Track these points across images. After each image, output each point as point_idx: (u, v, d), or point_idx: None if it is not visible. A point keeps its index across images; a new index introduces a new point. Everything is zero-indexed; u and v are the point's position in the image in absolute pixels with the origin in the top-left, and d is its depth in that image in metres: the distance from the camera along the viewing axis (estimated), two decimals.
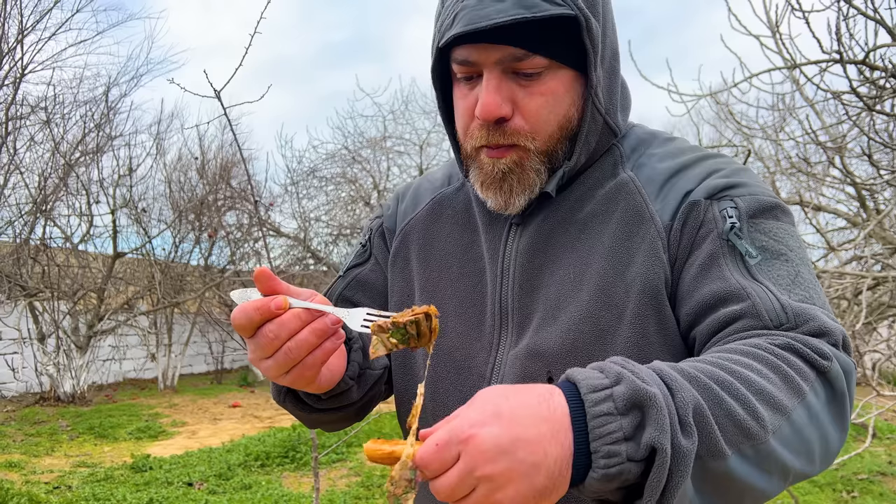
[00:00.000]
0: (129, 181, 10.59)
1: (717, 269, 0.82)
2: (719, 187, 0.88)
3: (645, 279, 0.86)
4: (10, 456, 6.31)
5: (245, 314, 0.74)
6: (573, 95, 0.90)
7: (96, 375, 10.66)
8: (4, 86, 11.69)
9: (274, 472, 5.93)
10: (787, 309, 0.77)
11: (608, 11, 0.91)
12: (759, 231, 0.84)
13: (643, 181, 0.92)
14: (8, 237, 10.25)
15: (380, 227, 1.14)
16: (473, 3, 0.82)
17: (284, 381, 0.79)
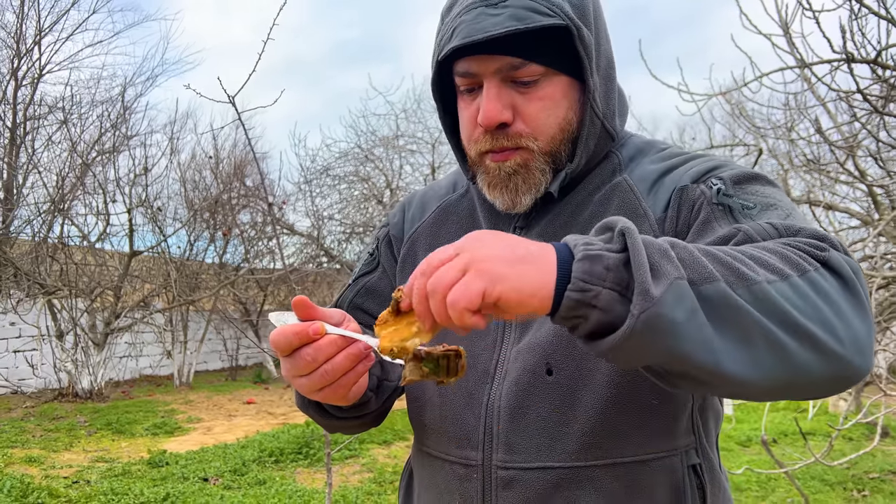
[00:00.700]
0: (145, 180, 10.71)
1: (710, 228, 0.86)
2: (703, 171, 0.94)
3: None
4: (30, 451, 6.43)
5: (285, 337, 0.79)
6: (570, 100, 0.95)
7: (113, 372, 10.81)
8: (22, 86, 11.84)
9: (288, 467, 6.01)
10: (777, 226, 0.79)
11: (601, 23, 0.97)
12: (747, 193, 0.88)
13: (635, 180, 0.98)
14: (27, 235, 10.41)
15: (386, 236, 1.18)
16: (471, 18, 0.88)
17: (316, 396, 0.85)
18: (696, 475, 0.93)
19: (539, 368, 0.92)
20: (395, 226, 1.18)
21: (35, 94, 11.83)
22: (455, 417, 0.98)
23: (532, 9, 0.87)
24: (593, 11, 0.94)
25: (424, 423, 1.05)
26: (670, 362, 0.64)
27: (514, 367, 0.95)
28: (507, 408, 0.94)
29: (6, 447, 6.49)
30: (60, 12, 12.41)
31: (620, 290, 0.63)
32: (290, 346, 0.79)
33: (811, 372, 0.66)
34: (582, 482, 0.90)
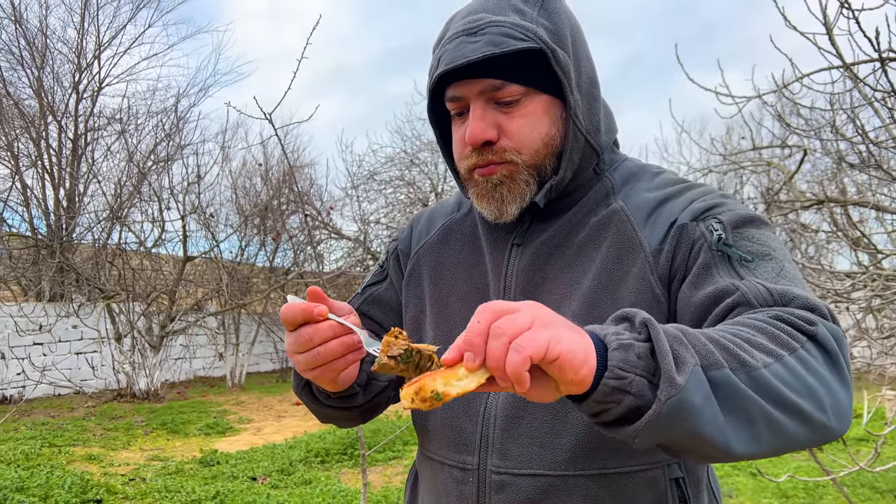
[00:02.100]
0: (198, 188, 11.06)
1: (710, 276, 0.91)
2: (702, 209, 0.98)
3: (634, 299, 0.96)
4: (91, 449, 6.73)
5: (291, 311, 0.87)
6: (552, 116, 1.01)
7: (168, 373, 11.19)
8: (83, 99, 12.38)
9: (333, 468, 6.15)
10: (772, 292, 0.85)
11: (579, 45, 1.03)
12: (744, 238, 0.94)
13: (632, 209, 1.03)
14: (87, 242, 10.87)
15: (395, 250, 1.25)
16: (453, 47, 0.97)
17: (308, 374, 0.92)
18: (678, 487, 0.99)
19: None
20: (403, 241, 1.25)
21: (95, 106, 12.35)
22: (454, 424, 1.05)
23: (507, 35, 0.94)
24: (570, 35, 1.01)
25: (427, 428, 1.12)
26: (683, 441, 0.70)
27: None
28: (502, 417, 1.00)
29: (68, 445, 6.81)
30: (118, 27, 12.94)
31: (649, 377, 0.68)
32: (295, 321, 0.87)
33: (798, 440, 0.75)
34: (570, 490, 0.96)
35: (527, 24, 0.96)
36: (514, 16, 0.97)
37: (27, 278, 10.53)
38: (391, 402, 1.17)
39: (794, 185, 5.56)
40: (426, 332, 1.14)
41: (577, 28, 1.04)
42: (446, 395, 0.69)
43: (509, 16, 0.97)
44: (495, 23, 0.96)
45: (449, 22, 1.04)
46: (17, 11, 11.68)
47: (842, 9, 3.63)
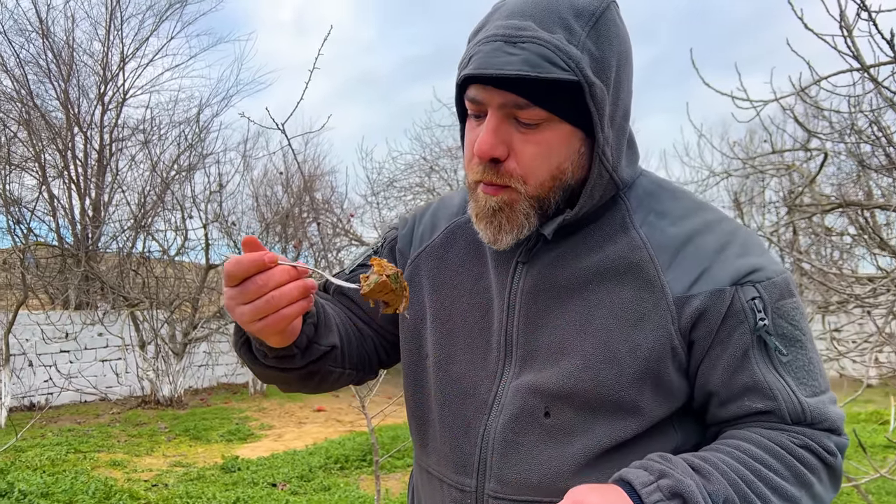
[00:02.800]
0: (220, 197, 11.20)
1: (747, 362, 0.91)
2: (741, 273, 0.92)
3: (651, 346, 0.92)
4: (115, 455, 6.83)
5: (239, 264, 0.84)
6: (569, 150, 0.93)
7: (192, 380, 11.32)
8: (108, 110, 12.60)
9: (352, 474, 6.18)
10: (805, 411, 0.90)
11: (624, 76, 0.94)
12: (780, 316, 0.92)
13: (655, 248, 0.96)
14: (112, 251, 11.05)
15: (393, 242, 1.19)
16: (488, 50, 0.88)
17: (255, 326, 0.88)
18: None
19: (537, 410, 0.96)
20: (403, 238, 1.19)
21: (119, 117, 12.57)
22: (454, 444, 1.03)
23: (547, 58, 0.86)
24: (617, 64, 0.92)
25: (426, 443, 1.10)
26: None
27: (512, 404, 0.98)
28: (501, 441, 0.98)
29: (93, 451, 6.92)
30: (142, 39, 13.16)
31: None
32: (246, 272, 0.84)
33: None
34: None
35: (571, 49, 0.87)
36: (560, 33, 0.87)
37: (54, 287, 10.72)
38: (338, 381, 1.14)
39: (816, 188, 5.50)
40: (426, 341, 1.10)
41: (625, 55, 0.95)
42: None
43: (556, 32, 0.87)
44: (538, 40, 0.86)
45: (491, 14, 0.95)
46: (44, 25, 11.93)
47: (859, 11, 3.59)
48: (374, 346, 1.19)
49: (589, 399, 0.93)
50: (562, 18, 0.88)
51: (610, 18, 0.91)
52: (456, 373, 1.05)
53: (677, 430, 0.97)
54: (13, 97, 11.39)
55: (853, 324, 7.09)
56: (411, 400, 1.14)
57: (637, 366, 0.92)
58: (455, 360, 1.05)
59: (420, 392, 1.12)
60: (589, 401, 0.93)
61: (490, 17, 0.93)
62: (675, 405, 0.96)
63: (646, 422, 0.94)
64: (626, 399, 0.92)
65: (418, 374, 1.12)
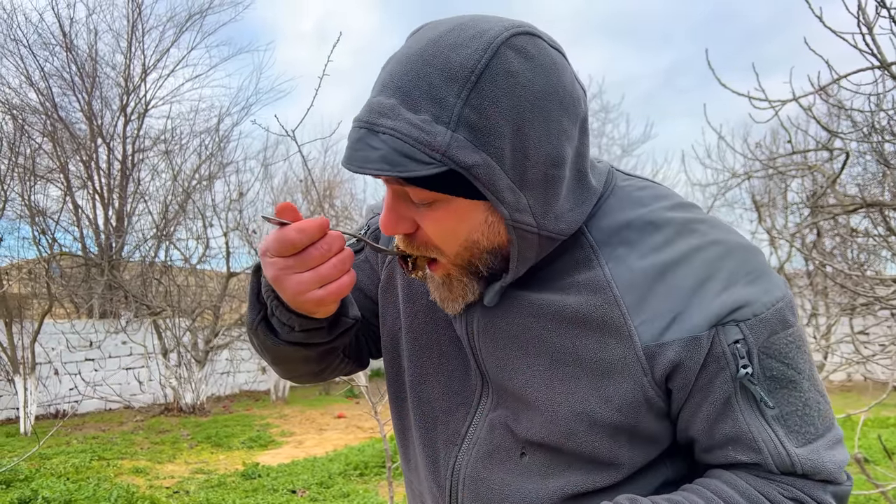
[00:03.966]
0: (240, 205, 11.29)
1: (730, 410, 0.82)
2: (723, 312, 0.81)
3: (623, 398, 0.84)
4: (138, 462, 6.90)
5: (304, 232, 0.78)
6: (473, 223, 0.82)
7: (214, 387, 11.41)
8: (130, 121, 12.78)
9: (371, 481, 6.17)
10: (795, 463, 0.81)
11: (534, 127, 0.77)
12: (770, 356, 0.81)
13: (622, 287, 0.84)
14: (135, 260, 11.20)
15: (376, 231, 1.11)
16: (353, 140, 0.78)
17: (314, 295, 0.81)
18: None
19: (513, 449, 0.91)
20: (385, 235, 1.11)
21: (141, 128, 12.75)
22: (428, 472, 1.00)
23: (406, 154, 0.73)
24: (514, 123, 0.76)
25: (409, 459, 1.07)
26: None
27: (487, 440, 0.93)
28: (472, 478, 0.93)
29: (117, 458, 6.99)
30: (163, 51, 13.35)
31: None
32: (311, 238, 0.79)
33: None
34: None
35: (435, 136, 0.73)
36: (427, 111, 0.74)
37: (79, 296, 10.88)
38: (336, 370, 1.11)
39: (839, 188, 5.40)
40: (402, 352, 1.05)
41: (531, 103, 0.77)
42: None
43: (421, 111, 0.74)
44: (396, 132, 0.74)
45: (381, 71, 0.82)
46: (67, 38, 12.15)
47: (879, 9, 3.54)
48: (365, 338, 1.16)
49: (562, 449, 0.88)
50: (431, 88, 0.74)
51: (499, 69, 0.75)
52: (428, 395, 1.00)
53: (668, 465, 0.91)
54: (38, 109, 11.62)
55: (879, 326, 6.96)
56: (394, 411, 1.10)
57: (609, 419, 0.84)
58: (428, 381, 1.00)
59: (401, 406, 1.07)
60: (562, 451, 0.88)
61: (378, 77, 0.82)
62: (658, 450, 0.89)
63: (626, 471, 0.88)
64: (600, 452, 0.86)
65: (398, 386, 1.07)
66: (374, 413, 2.49)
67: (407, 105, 0.75)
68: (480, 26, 0.77)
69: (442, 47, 0.76)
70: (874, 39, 4.03)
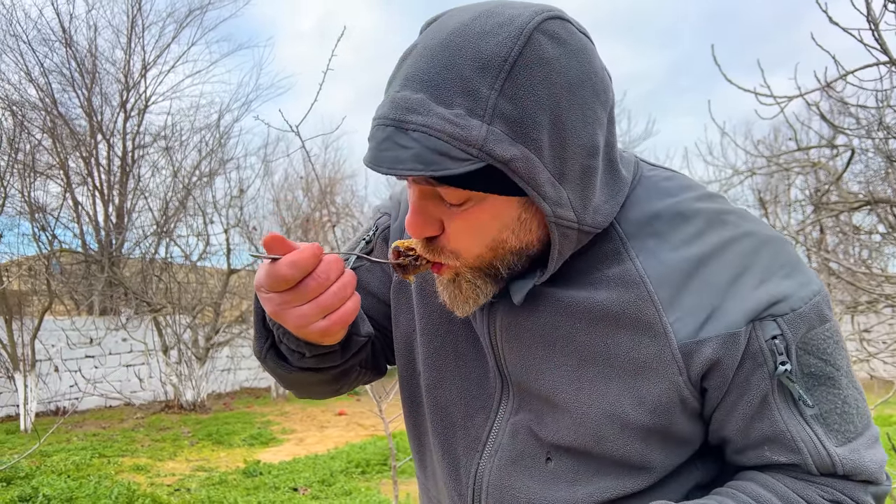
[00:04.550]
0: (240, 202, 11.27)
1: (767, 409, 0.80)
2: (760, 307, 0.78)
3: (657, 399, 0.81)
4: (138, 459, 6.88)
5: (297, 265, 0.73)
6: (505, 221, 0.79)
7: (215, 384, 11.39)
8: (130, 117, 12.74)
9: (373, 478, 6.15)
10: (836, 463, 0.78)
11: (570, 115, 0.74)
12: (808, 352, 0.79)
13: (655, 281, 0.81)
14: (135, 256, 11.17)
15: (385, 231, 1.07)
16: (380, 139, 0.73)
17: (317, 326, 0.77)
18: None
19: (538, 455, 0.87)
20: (395, 232, 1.06)
21: (141, 124, 12.71)
22: (448, 479, 0.96)
23: (441, 151, 0.69)
24: (552, 112, 0.72)
25: (425, 466, 1.03)
26: None
27: (510, 446, 0.89)
28: (496, 486, 0.90)
29: (117, 456, 6.97)
30: (163, 47, 13.30)
31: None
32: (305, 270, 0.73)
33: None
34: None
35: (471, 129, 0.69)
36: (460, 104, 0.70)
37: (79, 293, 10.85)
38: (355, 381, 1.07)
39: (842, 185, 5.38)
40: (417, 355, 1.01)
41: (568, 90, 0.74)
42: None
43: (454, 105, 0.70)
44: (429, 129, 0.70)
45: (399, 64, 0.78)
46: (67, 34, 12.10)
47: (886, 3, 3.50)
48: (381, 345, 1.11)
49: (591, 453, 0.84)
50: (462, 80, 0.70)
51: (533, 56, 0.71)
52: (445, 399, 0.96)
53: (699, 467, 0.88)
54: (37, 106, 11.58)
55: (883, 324, 6.93)
56: (408, 417, 1.06)
57: (641, 420, 0.81)
58: (444, 385, 0.96)
59: (416, 411, 1.03)
60: (591, 455, 0.84)
61: (397, 71, 0.77)
62: (690, 451, 0.86)
63: (657, 474, 0.85)
64: (632, 455, 0.83)
65: (413, 390, 1.03)
66: (379, 411, 2.46)
67: (437, 99, 0.71)
68: (508, 12, 0.73)
69: (470, 36, 0.72)
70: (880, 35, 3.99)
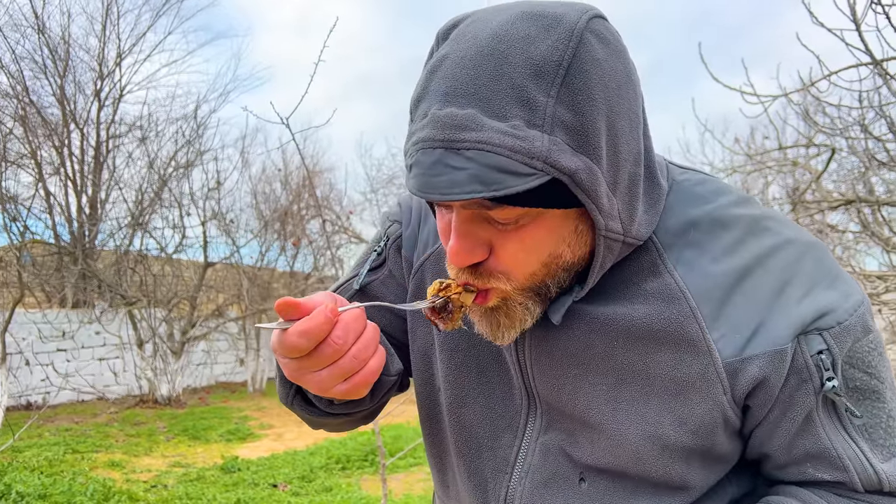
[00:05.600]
0: (218, 194, 11.12)
1: (812, 426, 0.77)
2: (806, 321, 0.75)
3: (700, 419, 0.78)
4: (113, 455, 6.75)
5: (308, 334, 0.67)
6: (561, 234, 0.75)
7: (190, 379, 11.24)
8: (105, 106, 12.49)
9: (354, 474, 6.11)
10: (883, 481, 0.76)
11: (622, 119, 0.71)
12: (854, 366, 0.76)
13: (696, 297, 0.77)
14: (109, 248, 10.97)
15: (398, 240, 1.02)
16: (428, 163, 0.67)
17: (338, 390, 0.73)
18: None
19: (571, 476, 0.84)
20: (408, 240, 1.01)
21: (116, 113, 12.47)
22: (475, 500, 0.93)
23: (503, 168, 0.65)
24: (608, 116, 0.69)
25: (447, 485, 1.00)
26: None
27: (542, 467, 0.86)
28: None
29: (91, 452, 6.84)
30: (139, 35, 13.05)
31: None
32: (318, 338, 0.68)
33: None
34: None
35: (533, 140, 0.65)
36: (517, 115, 0.65)
37: (51, 285, 10.63)
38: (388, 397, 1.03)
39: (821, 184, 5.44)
40: (436, 370, 0.97)
41: (618, 90, 0.71)
42: None
43: (510, 116, 0.65)
44: (487, 145, 0.65)
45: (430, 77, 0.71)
46: (40, 20, 11.82)
47: (871, 4, 3.53)
48: (403, 361, 1.06)
49: (628, 474, 0.82)
50: (516, 89, 0.65)
51: (587, 58, 0.67)
52: (469, 419, 0.92)
53: (733, 483, 0.87)
54: (9, 93, 11.28)
55: None
56: (427, 435, 1.03)
57: (683, 441, 0.78)
58: (468, 404, 0.92)
59: (436, 429, 1.00)
60: (628, 475, 0.82)
61: (427, 85, 0.71)
62: (727, 468, 0.85)
63: (695, 494, 0.83)
64: (672, 476, 0.81)
65: (432, 408, 1.00)
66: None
67: (489, 112, 0.66)
68: (551, 12, 0.69)
69: (514, 41, 0.67)
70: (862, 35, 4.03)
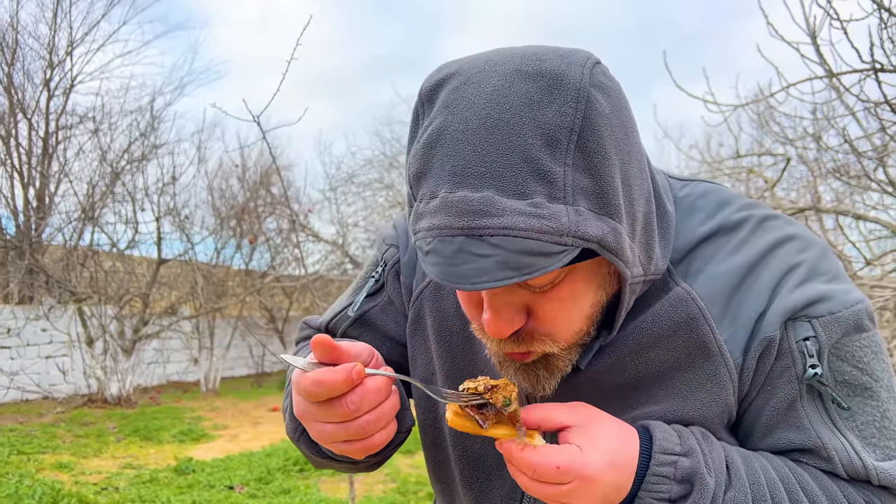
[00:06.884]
0: (173, 189, 10.87)
1: (794, 415, 0.76)
2: (797, 306, 0.75)
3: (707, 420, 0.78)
4: (61, 457, 6.54)
5: (322, 385, 0.67)
6: (600, 278, 0.74)
7: (141, 378, 10.96)
8: (55, 96, 12.11)
9: (312, 476, 6.04)
10: (870, 472, 0.74)
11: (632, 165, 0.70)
12: (842, 359, 0.75)
13: (705, 299, 0.78)
14: (58, 243, 10.62)
15: (396, 266, 0.99)
16: (448, 255, 0.63)
17: (338, 448, 0.73)
18: None
19: None
20: (406, 266, 0.98)
21: (67, 104, 12.10)
22: None
23: (532, 251, 0.62)
24: (622, 168, 0.67)
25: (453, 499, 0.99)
26: None
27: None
28: None
29: (37, 453, 6.61)
30: (92, 24, 12.69)
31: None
32: (331, 394, 0.67)
33: None
34: None
35: (559, 217, 0.62)
36: (538, 191, 0.62)
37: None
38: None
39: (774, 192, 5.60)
40: (439, 401, 0.94)
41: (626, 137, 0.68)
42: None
43: (531, 194, 0.62)
44: (509, 230, 0.61)
45: (429, 153, 0.66)
46: None
47: (829, 19, 3.65)
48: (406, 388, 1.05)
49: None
50: (530, 163, 0.62)
51: (595, 115, 0.64)
52: (477, 449, 0.91)
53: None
54: None
55: None
56: (431, 461, 1.01)
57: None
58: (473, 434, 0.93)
59: (441, 456, 0.98)
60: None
61: (428, 162, 0.66)
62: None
63: None
64: None
65: (436, 435, 0.98)
66: None
67: (506, 192, 0.62)
68: (549, 69, 0.65)
69: (518, 108, 0.63)
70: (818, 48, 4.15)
